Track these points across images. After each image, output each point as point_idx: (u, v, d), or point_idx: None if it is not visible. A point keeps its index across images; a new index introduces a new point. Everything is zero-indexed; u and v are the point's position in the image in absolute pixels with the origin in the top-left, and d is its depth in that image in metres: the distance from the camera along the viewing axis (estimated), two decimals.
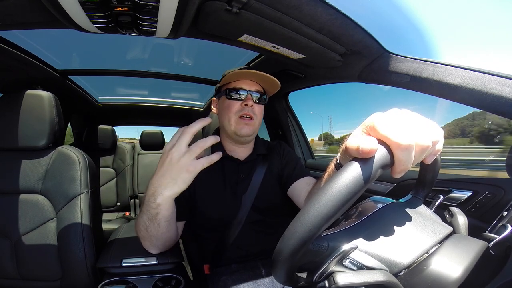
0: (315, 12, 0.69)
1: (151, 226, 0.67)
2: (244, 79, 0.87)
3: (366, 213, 0.38)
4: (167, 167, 0.58)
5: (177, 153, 0.56)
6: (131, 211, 2.53)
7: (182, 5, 0.63)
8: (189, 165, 0.57)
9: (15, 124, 0.88)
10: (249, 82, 0.88)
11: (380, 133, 0.31)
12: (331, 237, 0.36)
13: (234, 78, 0.86)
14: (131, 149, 2.69)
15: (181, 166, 0.57)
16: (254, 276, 0.82)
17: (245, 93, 0.86)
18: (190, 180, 0.59)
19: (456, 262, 0.31)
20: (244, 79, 0.87)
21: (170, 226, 0.70)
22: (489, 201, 0.64)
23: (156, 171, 0.61)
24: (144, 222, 0.67)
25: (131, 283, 0.77)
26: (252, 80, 0.88)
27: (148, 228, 0.68)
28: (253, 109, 0.87)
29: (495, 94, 0.62)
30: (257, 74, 0.85)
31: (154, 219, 0.65)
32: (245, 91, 0.86)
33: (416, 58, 0.79)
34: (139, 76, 1.76)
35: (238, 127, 0.86)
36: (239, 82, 0.87)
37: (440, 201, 0.48)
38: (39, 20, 0.72)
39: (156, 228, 0.67)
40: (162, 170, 0.59)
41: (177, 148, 0.57)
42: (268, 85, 0.90)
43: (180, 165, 0.57)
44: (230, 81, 0.88)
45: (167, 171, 0.58)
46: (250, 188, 0.89)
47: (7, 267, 0.85)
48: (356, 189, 0.29)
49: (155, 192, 0.61)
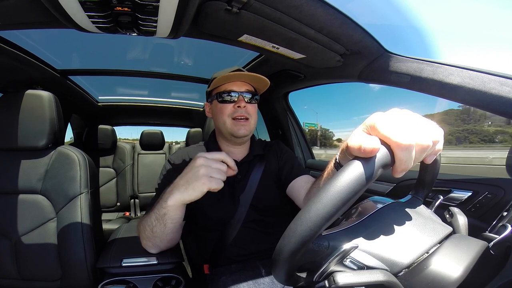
0: (315, 12, 0.69)
1: (157, 226, 0.69)
2: (233, 81, 0.88)
3: (366, 213, 0.38)
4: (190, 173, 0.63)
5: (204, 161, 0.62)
6: (131, 211, 2.53)
7: (182, 5, 0.63)
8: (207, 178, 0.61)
9: (15, 124, 0.88)
10: (239, 83, 0.88)
11: (381, 132, 0.31)
12: (332, 236, 0.36)
13: (223, 81, 0.87)
14: (131, 149, 2.69)
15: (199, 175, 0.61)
16: (254, 276, 0.82)
17: (236, 95, 0.87)
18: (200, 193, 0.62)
19: (456, 262, 0.31)
20: (233, 81, 0.88)
21: (175, 229, 0.72)
22: (489, 201, 0.64)
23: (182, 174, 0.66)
24: (152, 222, 0.69)
25: (131, 283, 0.77)
26: (241, 81, 0.88)
27: (154, 228, 0.70)
28: (246, 110, 0.87)
29: (495, 94, 0.62)
30: (245, 75, 0.86)
31: (161, 219, 0.67)
32: (236, 93, 0.87)
33: (416, 58, 0.79)
34: (139, 76, 1.76)
35: (234, 128, 0.87)
36: (228, 84, 0.88)
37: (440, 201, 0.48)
38: (39, 20, 0.72)
39: (162, 229, 0.69)
40: (186, 174, 0.64)
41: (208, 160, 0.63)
42: (257, 84, 0.90)
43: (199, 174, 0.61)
44: (219, 84, 0.88)
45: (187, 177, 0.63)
46: (248, 188, 0.90)
47: (7, 267, 0.85)
48: (357, 188, 0.29)
49: (170, 192, 0.65)
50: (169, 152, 2.81)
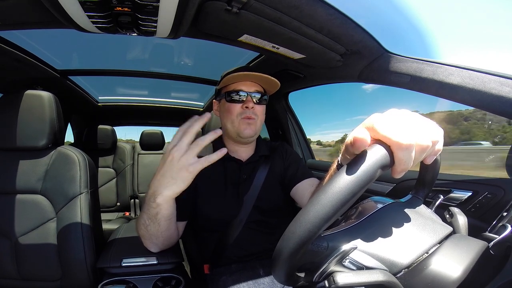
0: (315, 12, 0.69)
1: (151, 225, 0.68)
2: (243, 81, 0.87)
3: (366, 213, 0.38)
4: (168, 166, 0.59)
5: (178, 153, 0.57)
6: (131, 211, 2.53)
7: (182, 5, 0.63)
8: (189, 164, 0.57)
9: (15, 124, 0.88)
10: (248, 83, 0.87)
11: (380, 133, 0.31)
12: (331, 237, 0.36)
13: (233, 80, 0.86)
14: (131, 149, 2.69)
15: (182, 165, 0.57)
16: (254, 276, 0.82)
17: (245, 95, 0.86)
18: (190, 180, 0.59)
19: (456, 262, 0.31)
20: (242, 81, 0.87)
21: (170, 225, 0.70)
22: (489, 201, 0.64)
23: (157, 171, 0.61)
24: (145, 221, 0.68)
25: (131, 283, 0.77)
26: (251, 81, 0.88)
27: (148, 227, 0.69)
28: (254, 110, 0.87)
29: (495, 94, 0.62)
30: (256, 76, 0.85)
31: (154, 218, 0.66)
32: (245, 93, 0.86)
33: (416, 58, 0.79)
34: (139, 76, 1.76)
35: (240, 128, 0.86)
36: (238, 83, 0.87)
37: (440, 201, 0.48)
38: (39, 20, 0.72)
39: (156, 228, 0.68)
40: (163, 169, 0.59)
41: (178, 148, 0.57)
42: (268, 85, 0.89)
43: (181, 164, 0.57)
44: (229, 83, 0.88)
45: (168, 171, 0.59)
46: (252, 188, 0.89)
47: (7, 267, 0.85)
48: (356, 189, 0.29)
49: (155, 192, 0.62)
50: None
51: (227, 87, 0.89)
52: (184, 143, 0.57)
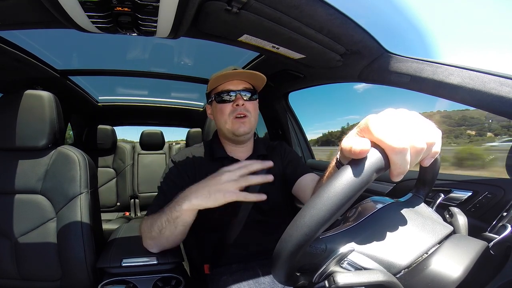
0: (315, 12, 0.69)
1: (167, 228, 0.70)
2: (230, 80, 0.87)
3: (366, 214, 0.38)
4: (212, 182, 0.66)
5: (227, 177, 0.65)
6: (131, 211, 2.53)
7: (182, 5, 0.63)
8: (228, 191, 0.63)
9: (15, 124, 0.88)
10: (236, 82, 0.88)
11: (374, 136, 0.30)
12: (329, 239, 0.35)
13: (220, 81, 0.87)
14: (131, 149, 2.69)
15: (223, 188, 0.64)
16: (254, 276, 0.82)
17: (234, 94, 0.87)
18: (220, 203, 0.64)
19: (456, 262, 0.31)
20: (229, 80, 0.87)
21: (184, 232, 0.73)
22: (489, 201, 0.64)
23: (202, 181, 0.68)
24: (162, 223, 0.70)
25: (131, 283, 0.77)
26: (238, 79, 0.88)
27: (163, 230, 0.71)
28: (245, 107, 0.87)
29: (495, 94, 0.62)
30: (241, 73, 0.86)
31: (173, 221, 0.68)
32: (234, 92, 0.87)
33: (416, 58, 0.79)
34: (139, 76, 1.76)
35: (234, 127, 0.86)
36: (225, 84, 0.87)
37: (440, 201, 0.47)
38: (39, 20, 0.72)
39: (172, 230, 0.70)
40: (206, 183, 0.66)
41: (231, 174, 0.65)
42: (255, 81, 0.90)
43: (223, 187, 0.64)
44: (217, 85, 0.88)
45: (209, 185, 0.65)
46: (251, 188, 0.89)
47: (7, 267, 0.85)
48: (351, 193, 0.29)
49: (185, 198, 0.66)
50: (169, 152, 2.82)
51: (215, 89, 0.89)
52: (238, 173, 0.65)
